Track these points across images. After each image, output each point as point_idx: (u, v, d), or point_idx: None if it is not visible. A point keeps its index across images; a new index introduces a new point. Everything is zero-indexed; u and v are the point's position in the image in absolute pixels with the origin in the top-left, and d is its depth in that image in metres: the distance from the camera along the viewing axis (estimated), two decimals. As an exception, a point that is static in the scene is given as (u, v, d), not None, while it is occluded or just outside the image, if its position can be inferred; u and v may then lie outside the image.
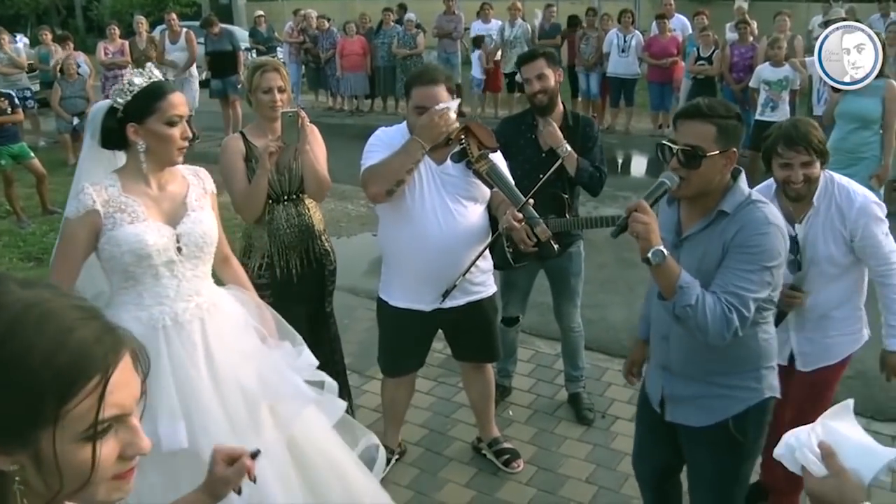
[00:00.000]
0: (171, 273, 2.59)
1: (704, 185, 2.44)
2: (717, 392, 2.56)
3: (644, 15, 17.48)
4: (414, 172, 3.33)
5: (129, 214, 2.54)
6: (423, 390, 4.58)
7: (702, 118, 2.40)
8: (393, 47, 13.40)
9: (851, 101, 5.91)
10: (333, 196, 8.48)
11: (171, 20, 11.89)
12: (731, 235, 2.39)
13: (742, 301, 2.32)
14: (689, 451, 2.73)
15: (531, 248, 3.35)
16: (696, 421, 2.62)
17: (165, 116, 2.55)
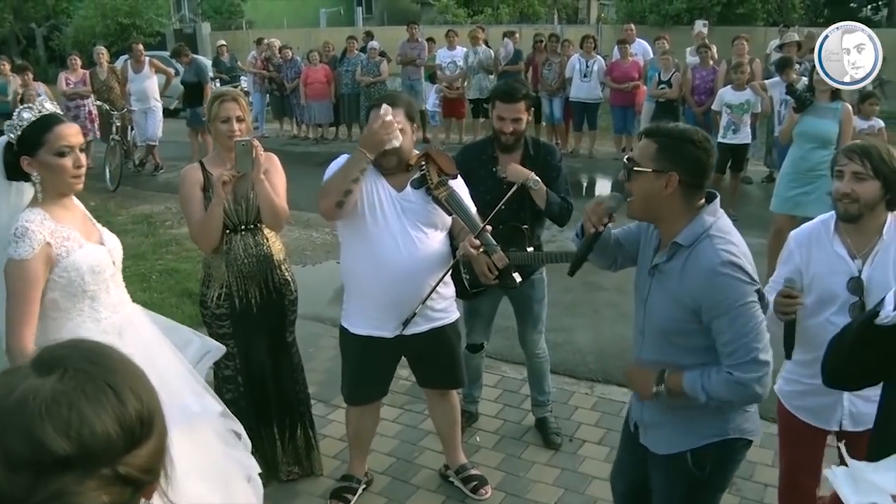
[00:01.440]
0: (115, 285, 2.82)
1: (643, 204, 2.40)
2: (680, 423, 2.54)
3: (605, 40, 17.75)
4: (366, 205, 3.33)
5: (74, 241, 2.67)
6: (390, 418, 4.54)
7: (649, 136, 2.43)
8: (357, 75, 13.44)
9: (810, 121, 6.06)
10: (298, 224, 8.46)
11: (137, 50, 11.80)
12: (696, 285, 2.33)
13: (740, 356, 2.30)
14: (652, 475, 2.72)
15: (491, 280, 3.37)
16: (657, 447, 2.64)
17: (55, 147, 2.62)
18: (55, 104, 2.80)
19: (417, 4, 33.47)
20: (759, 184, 10.42)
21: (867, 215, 2.74)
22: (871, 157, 2.69)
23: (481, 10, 29.09)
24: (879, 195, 2.71)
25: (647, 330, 2.54)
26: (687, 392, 2.39)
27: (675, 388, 2.42)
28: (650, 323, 2.51)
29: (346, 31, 18.13)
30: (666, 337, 2.47)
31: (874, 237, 2.76)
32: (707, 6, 20.43)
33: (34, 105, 2.70)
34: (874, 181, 2.69)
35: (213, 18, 28.42)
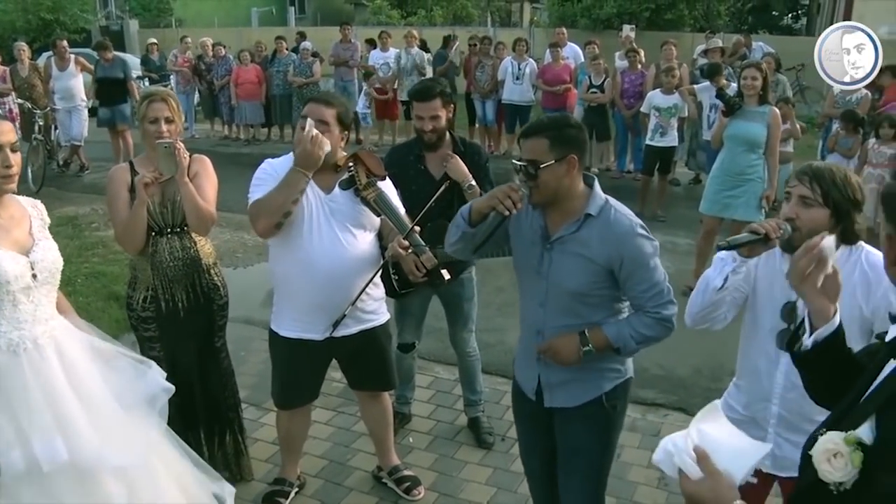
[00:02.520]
0: (28, 299, 2.66)
1: (552, 191, 2.67)
2: (589, 375, 2.83)
3: (538, 43, 17.93)
4: (301, 202, 3.30)
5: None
6: (322, 420, 4.52)
7: (535, 134, 2.66)
8: (289, 76, 13.32)
9: (739, 125, 6.23)
10: (229, 226, 8.36)
11: (61, 47, 11.46)
12: (615, 247, 2.65)
13: (662, 297, 2.70)
14: (564, 431, 2.93)
15: (420, 278, 3.38)
16: (572, 401, 2.86)
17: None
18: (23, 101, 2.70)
19: (351, 5, 33.31)
20: (686, 186, 10.66)
21: None
22: (823, 180, 2.46)
23: (415, 12, 29.12)
24: (827, 224, 2.44)
25: (552, 299, 2.77)
26: (613, 342, 2.72)
27: (600, 343, 2.72)
28: (556, 291, 2.76)
29: (279, 31, 17.92)
30: (577, 299, 2.73)
31: None
32: (636, 11, 20.79)
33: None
34: (822, 208, 2.45)
35: (141, 16, 27.79)
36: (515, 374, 3.10)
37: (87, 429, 2.59)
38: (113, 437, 2.64)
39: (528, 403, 2.99)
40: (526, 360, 2.98)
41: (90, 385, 2.69)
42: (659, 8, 21.22)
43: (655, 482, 3.98)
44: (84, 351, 2.81)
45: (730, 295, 2.60)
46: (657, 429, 4.51)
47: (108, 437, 2.62)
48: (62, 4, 25.23)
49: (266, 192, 3.29)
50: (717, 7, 23.66)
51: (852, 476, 1.48)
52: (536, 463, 3.15)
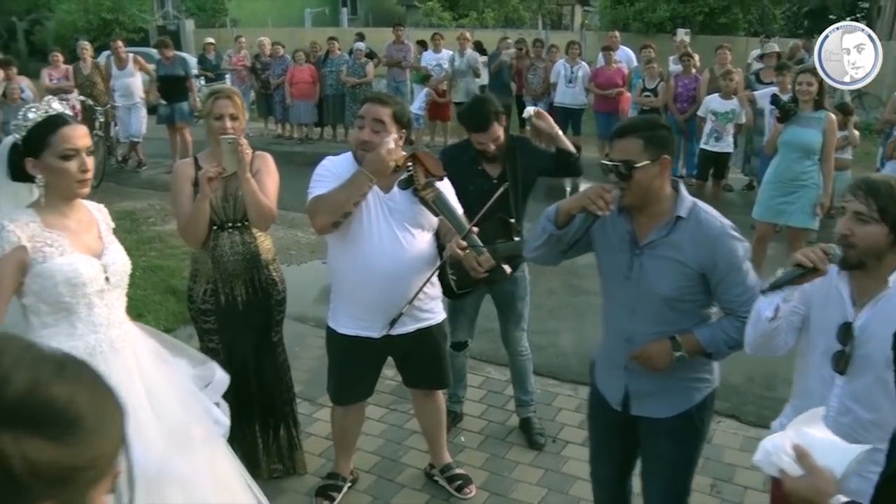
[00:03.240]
0: (101, 302, 2.67)
1: (644, 192, 2.64)
2: (679, 385, 2.80)
3: (589, 46, 17.84)
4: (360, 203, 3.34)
5: (56, 248, 2.57)
6: (375, 417, 4.56)
7: (629, 135, 2.64)
8: (342, 76, 13.44)
9: (794, 131, 6.13)
10: (283, 224, 8.45)
11: (117, 47, 11.73)
12: (706, 249, 2.63)
13: (753, 302, 2.55)
14: (651, 443, 2.91)
15: (482, 274, 3.40)
16: (661, 412, 2.82)
17: (59, 150, 2.55)
18: (64, 104, 2.69)
19: (403, 7, 33.49)
20: (740, 191, 10.53)
21: (872, 264, 2.35)
22: (878, 195, 2.30)
23: (466, 14, 29.16)
24: (885, 242, 2.31)
25: (643, 304, 2.73)
26: (705, 347, 2.68)
27: (693, 348, 2.68)
28: (646, 296, 2.71)
29: (331, 32, 18.10)
30: (668, 304, 2.69)
31: (881, 285, 2.37)
32: (690, 15, 20.59)
33: (41, 104, 2.62)
34: (879, 225, 2.30)
35: (197, 16, 28.30)
36: (597, 382, 3.04)
37: (156, 435, 2.59)
38: (179, 445, 2.64)
39: (608, 412, 2.95)
40: (611, 368, 2.92)
41: (159, 390, 2.70)
42: (713, 12, 20.97)
43: (708, 489, 3.95)
44: (152, 355, 2.83)
45: (785, 321, 2.47)
46: (709, 436, 4.44)
47: (173, 444, 2.61)
48: (121, 5, 25.90)
49: (327, 190, 3.33)
50: (773, 11, 23.32)
51: None
52: (608, 470, 3.13)
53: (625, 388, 2.87)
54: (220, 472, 2.86)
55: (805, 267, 2.28)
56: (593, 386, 3.07)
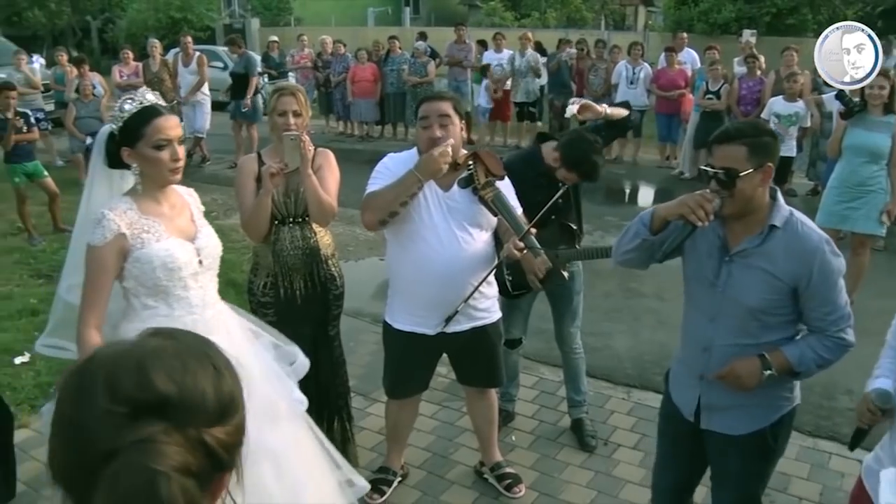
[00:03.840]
0: (196, 284, 2.78)
1: (746, 201, 2.56)
2: (757, 401, 2.70)
3: (652, 47, 17.65)
4: (411, 203, 3.36)
5: (153, 234, 2.68)
6: (427, 414, 4.60)
7: (731, 141, 2.55)
8: (404, 74, 13.55)
9: (860, 135, 5.98)
10: (342, 220, 8.55)
11: (186, 43, 12.05)
12: (800, 262, 2.53)
13: (844, 321, 2.57)
14: (721, 457, 2.84)
15: (539, 287, 3.46)
16: (735, 429, 2.74)
17: (152, 140, 2.66)
18: (156, 95, 2.80)
19: (465, 6, 33.55)
20: (804, 197, 10.30)
21: None
22: None
23: (528, 14, 29.07)
24: None
25: (726, 313, 2.65)
26: (795, 366, 2.58)
27: (783, 367, 2.59)
28: (732, 306, 2.63)
29: (393, 31, 18.24)
30: (753, 316, 2.60)
31: None
32: (756, 16, 20.21)
33: (135, 96, 2.73)
34: None
35: (263, 15, 28.79)
36: (671, 390, 2.97)
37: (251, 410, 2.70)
38: (268, 420, 2.72)
39: (679, 423, 2.89)
40: (687, 377, 2.86)
41: (251, 367, 2.77)
42: (780, 12, 20.54)
43: (762, 497, 3.89)
44: (244, 333, 2.94)
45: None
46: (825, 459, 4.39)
47: (263, 419, 2.69)
48: (190, 4, 26.56)
49: (380, 187, 3.38)
50: (844, 11, 22.72)
51: None
52: (670, 482, 3.08)
53: (698, 399, 2.80)
54: (303, 447, 2.95)
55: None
56: (666, 395, 3.00)
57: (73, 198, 9.70)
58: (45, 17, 27.48)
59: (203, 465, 0.98)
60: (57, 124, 12.39)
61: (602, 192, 10.23)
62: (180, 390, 0.98)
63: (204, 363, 1.04)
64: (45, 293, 6.69)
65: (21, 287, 6.93)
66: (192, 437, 0.97)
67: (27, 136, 8.28)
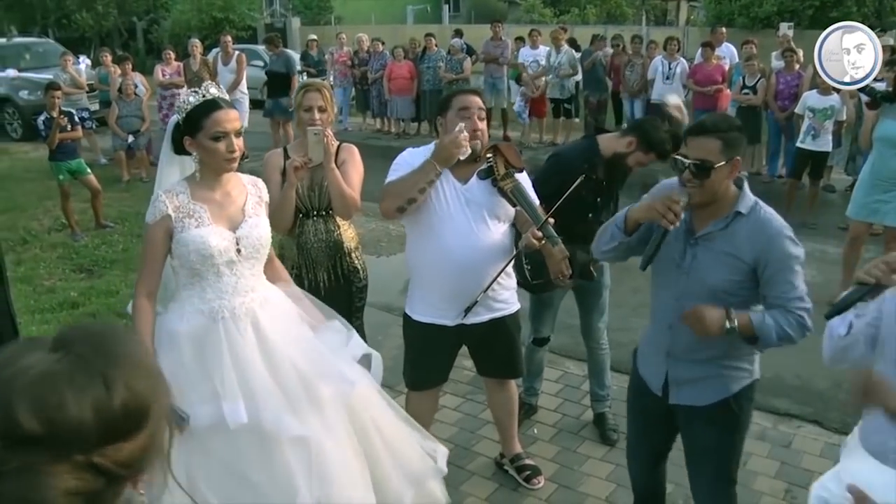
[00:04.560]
0: (231, 272, 2.89)
1: (714, 192, 2.72)
2: (719, 373, 2.86)
3: (692, 42, 17.49)
4: (429, 191, 3.43)
5: (195, 219, 2.84)
6: (451, 406, 4.67)
7: (708, 134, 2.68)
8: (440, 72, 13.62)
9: (891, 125, 5.91)
10: (375, 216, 8.62)
11: (226, 42, 12.27)
12: (761, 244, 2.68)
13: (804, 302, 2.68)
14: (690, 429, 3.00)
15: (563, 283, 3.56)
16: (700, 400, 2.90)
17: (211, 132, 2.81)
18: (220, 89, 2.94)
19: (505, 3, 33.51)
20: (843, 192, 10.15)
21: None
22: None
23: (567, 10, 28.98)
24: None
25: (691, 293, 2.78)
26: (756, 329, 2.67)
27: (745, 326, 2.68)
28: (696, 286, 2.77)
29: (432, 29, 18.32)
30: (716, 296, 2.72)
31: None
32: (798, 9, 19.90)
33: (199, 90, 2.89)
34: None
35: (303, 13, 29.09)
36: (639, 366, 3.13)
37: (271, 397, 2.78)
38: (298, 407, 2.82)
39: (648, 398, 3.05)
40: (654, 355, 3.02)
41: (282, 356, 2.87)
42: (824, 5, 20.18)
43: (782, 493, 3.90)
44: (287, 321, 3.01)
45: (862, 334, 2.42)
46: (788, 440, 4.40)
47: (291, 407, 2.80)
48: (232, 3, 26.93)
49: (398, 176, 3.46)
50: (890, 3, 22.27)
51: None
52: (644, 453, 3.26)
53: (665, 374, 2.96)
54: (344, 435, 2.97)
55: (868, 283, 2.21)
56: (634, 371, 3.16)
57: (115, 195, 9.98)
58: (92, 19, 28.08)
59: (97, 483, 0.97)
60: (101, 123, 12.70)
61: (638, 188, 10.18)
62: (48, 426, 0.94)
63: (92, 382, 0.98)
64: (85, 287, 6.91)
65: (63, 281, 7.15)
66: (79, 462, 0.96)
67: (71, 134, 8.53)
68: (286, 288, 3.19)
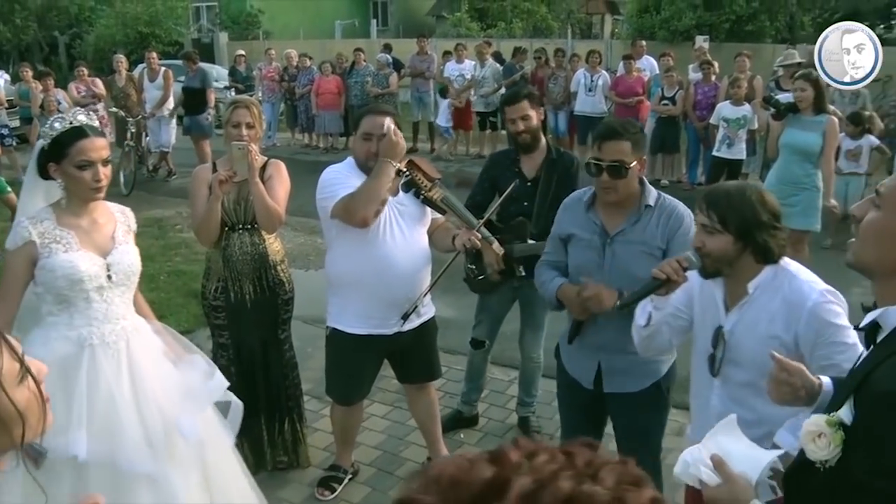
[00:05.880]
0: (101, 298, 2.85)
1: (627, 188, 3.01)
2: (645, 362, 3.08)
3: (616, 55, 17.91)
4: None
5: (63, 245, 2.80)
6: (379, 415, 4.76)
7: (619, 137, 2.96)
8: (367, 87, 13.70)
9: (794, 134, 6.23)
10: (303, 230, 8.71)
11: (151, 59, 12.14)
12: (668, 225, 3.00)
13: None
14: (625, 416, 3.25)
15: (496, 274, 3.76)
16: (633, 387, 3.16)
17: (76, 160, 2.80)
18: (90, 115, 2.92)
19: (433, 17, 33.73)
20: (759, 199, 10.56)
21: (727, 271, 2.46)
22: (717, 206, 2.40)
23: (494, 24, 29.30)
24: (733, 250, 2.40)
25: (612, 281, 3.00)
26: None
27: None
28: (618, 279, 2.99)
29: (361, 43, 18.39)
30: (633, 278, 2.88)
31: (744, 291, 2.46)
32: (716, 23, 20.56)
33: (66, 116, 2.87)
34: (723, 235, 2.39)
35: (231, 28, 28.79)
36: (566, 364, 3.30)
37: (131, 431, 2.76)
38: (157, 446, 2.80)
39: (578, 392, 3.27)
40: (583, 349, 3.22)
41: (148, 390, 2.86)
42: (739, 19, 20.90)
43: (697, 484, 4.07)
44: (153, 354, 2.99)
45: (665, 325, 2.67)
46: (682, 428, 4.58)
47: (150, 443, 2.78)
48: (158, 18, 26.46)
49: (355, 188, 3.49)
50: (801, 18, 23.17)
51: (836, 455, 1.59)
52: None
53: (598, 366, 3.17)
54: (212, 470, 3.03)
55: (659, 279, 2.49)
56: (561, 368, 3.34)
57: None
58: (10, 33, 27.33)
59: None
60: (22, 140, 12.42)
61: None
62: None
63: None
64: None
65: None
66: None
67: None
68: (151, 322, 3.16)
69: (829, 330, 2.31)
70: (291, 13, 30.03)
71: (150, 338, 3.04)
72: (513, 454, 0.76)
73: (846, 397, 1.63)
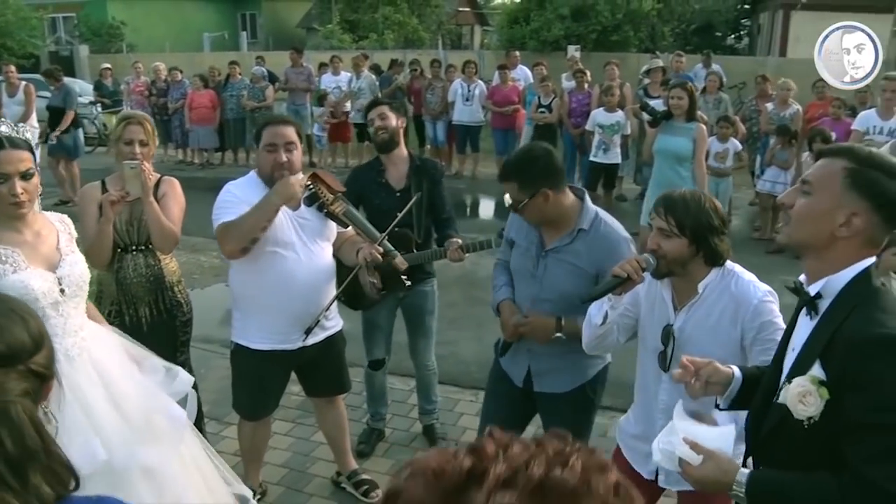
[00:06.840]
0: (57, 312, 2.75)
1: (539, 217, 3.09)
2: (576, 362, 3.20)
3: (487, 65, 18.28)
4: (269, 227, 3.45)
5: (10, 265, 2.68)
6: (282, 432, 4.68)
7: (507, 179, 3.08)
8: (243, 100, 13.46)
9: (667, 139, 6.60)
10: (186, 249, 8.44)
11: (9, 73, 11.45)
12: (597, 256, 3.03)
13: None
14: (552, 415, 3.33)
15: (377, 294, 3.79)
16: (561, 387, 3.26)
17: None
18: (10, 125, 2.74)
19: (303, 30, 33.48)
20: (633, 201, 10.99)
21: (680, 272, 2.60)
22: (675, 211, 2.52)
23: (366, 36, 29.35)
24: (687, 252, 2.53)
25: (543, 298, 3.16)
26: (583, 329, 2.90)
27: (572, 332, 3.02)
28: (548, 291, 3.14)
29: (231, 56, 18.05)
30: (566, 299, 3.07)
31: (694, 291, 2.60)
32: (583, 33, 21.32)
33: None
34: (679, 238, 2.51)
35: (92, 41, 27.68)
36: (500, 361, 3.42)
37: (120, 431, 2.71)
38: (143, 438, 2.77)
39: (507, 385, 3.39)
40: (515, 350, 3.34)
41: (123, 388, 2.81)
42: (605, 30, 21.78)
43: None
44: (116, 355, 2.95)
45: (615, 323, 2.77)
46: (604, 430, 4.72)
47: (139, 437, 2.75)
48: (9, 29, 25.05)
49: (236, 216, 3.40)
50: (662, 29, 24.32)
51: (820, 409, 1.74)
52: None
53: (528, 367, 3.30)
54: (188, 463, 3.01)
55: (620, 277, 2.57)
56: (496, 361, 3.46)
57: None
58: None
59: (34, 384, 1.40)
60: None
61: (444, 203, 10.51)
62: (6, 346, 1.38)
63: (12, 317, 1.43)
64: None
65: None
66: (22, 370, 1.39)
67: None
68: (103, 325, 3.12)
69: (770, 327, 2.51)
70: (156, 25, 29.18)
71: (109, 341, 2.99)
72: (489, 446, 0.85)
73: (812, 362, 1.79)
